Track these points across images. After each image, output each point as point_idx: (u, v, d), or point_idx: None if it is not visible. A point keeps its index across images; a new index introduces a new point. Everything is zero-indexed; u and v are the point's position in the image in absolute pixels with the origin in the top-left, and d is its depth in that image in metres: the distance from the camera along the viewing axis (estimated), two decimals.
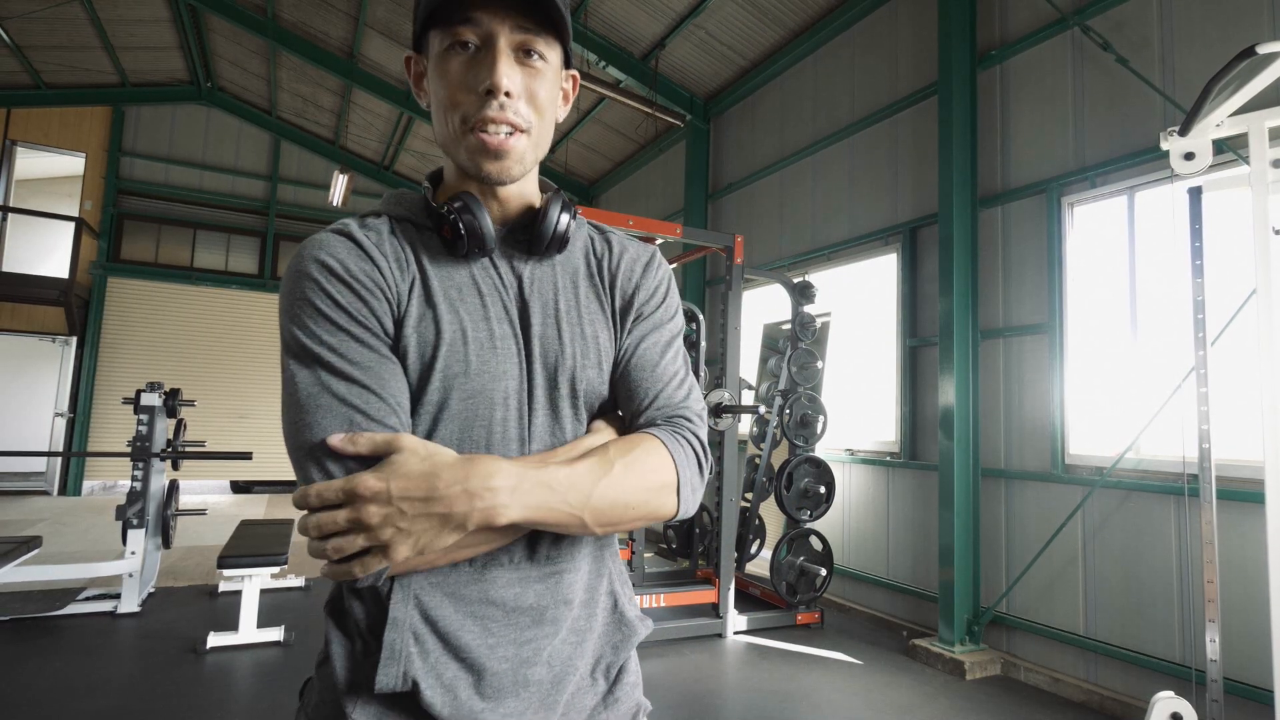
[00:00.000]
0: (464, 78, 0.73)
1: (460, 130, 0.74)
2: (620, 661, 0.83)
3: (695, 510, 0.91)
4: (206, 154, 10.48)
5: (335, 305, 0.70)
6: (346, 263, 0.71)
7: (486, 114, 0.72)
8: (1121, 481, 3.46)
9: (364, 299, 0.71)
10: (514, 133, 0.74)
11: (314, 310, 0.70)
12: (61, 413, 9.42)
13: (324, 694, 0.75)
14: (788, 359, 5.02)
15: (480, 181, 0.78)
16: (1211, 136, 2.57)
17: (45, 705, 2.96)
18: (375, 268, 0.73)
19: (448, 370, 0.72)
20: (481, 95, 0.72)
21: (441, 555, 0.68)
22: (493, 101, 0.72)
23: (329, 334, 0.69)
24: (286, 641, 3.83)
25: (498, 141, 0.73)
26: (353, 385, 0.68)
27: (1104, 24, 3.72)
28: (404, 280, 0.74)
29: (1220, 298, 3.15)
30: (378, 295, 0.72)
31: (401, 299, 0.73)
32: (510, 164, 0.76)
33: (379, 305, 0.72)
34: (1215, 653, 2.49)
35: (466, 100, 0.73)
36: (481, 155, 0.74)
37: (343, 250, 0.72)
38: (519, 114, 0.74)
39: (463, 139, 0.74)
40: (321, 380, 0.68)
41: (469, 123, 0.73)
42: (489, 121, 0.73)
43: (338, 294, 0.70)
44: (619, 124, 8.39)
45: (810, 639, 4.34)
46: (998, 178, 4.24)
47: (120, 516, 4.20)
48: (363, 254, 0.73)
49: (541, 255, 0.82)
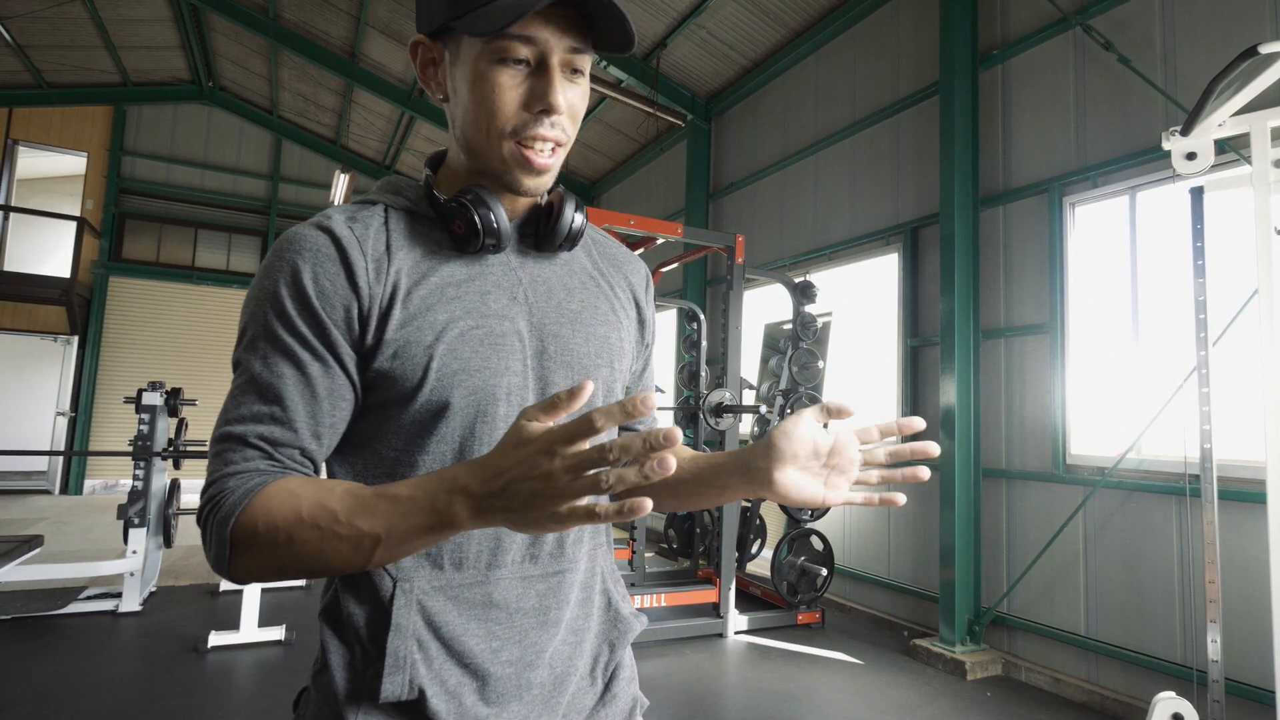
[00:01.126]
0: (517, 95, 0.71)
1: (504, 141, 0.72)
2: (617, 659, 0.83)
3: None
4: (208, 153, 10.49)
5: (289, 328, 0.68)
6: (317, 273, 0.68)
7: (538, 131, 0.72)
8: (1123, 482, 3.46)
9: (318, 319, 0.68)
10: (555, 149, 0.74)
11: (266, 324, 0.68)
12: (63, 412, 9.43)
13: (322, 705, 0.72)
14: (789, 359, 5.01)
15: (509, 190, 0.76)
16: (1213, 136, 2.57)
17: (47, 704, 2.96)
18: (348, 270, 0.69)
19: (444, 369, 0.70)
20: (535, 114, 0.71)
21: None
22: (545, 120, 0.71)
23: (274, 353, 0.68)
24: (287, 641, 3.83)
25: (543, 162, 0.73)
26: (273, 406, 0.67)
27: (1106, 23, 3.72)
28: (381, 281, 0.70)
29: (1222, 298, 3.14)
30: (337, 307, 0.68)
31: (376, 300, 0.70)
32: (547, 179, 0.76)
33: (336, 316, 0.68)
34: (1217, 653, 2.48)
35: (517, 116, 0.71)
36: (522, 169, 0.73)
37: (314, 256, 0.69)
38: (564, 131, 0.73)
39: (503, 148, 0.73)
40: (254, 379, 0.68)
41: (517, 135, 0.72)
42: (538, 139, 0.72)
43: (294, 314, 0.68)
44: (620, 123, 8.39)
45: (811, 639, 4.34)
46: (999, 177, 4.24)
47: (122, 515, 4.20)
48: (338, 256, 0.69)
49: (552, 253, 0.82)
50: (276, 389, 0.67)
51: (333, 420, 0.70)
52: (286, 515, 0.60)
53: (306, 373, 0.68)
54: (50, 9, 7.62)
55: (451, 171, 0.80)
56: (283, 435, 0.67)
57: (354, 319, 0.69)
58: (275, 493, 0.62)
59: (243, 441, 0.66)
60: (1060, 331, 3.81)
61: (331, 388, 0.69)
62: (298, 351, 0.68)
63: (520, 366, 0.75)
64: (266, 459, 0.67)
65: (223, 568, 0.64)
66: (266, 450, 0.67)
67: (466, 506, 0.55)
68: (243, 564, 0.63)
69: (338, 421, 0.71)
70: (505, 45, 0.68)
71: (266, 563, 0.62)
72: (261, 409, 0.67)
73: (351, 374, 0.70)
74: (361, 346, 0.70)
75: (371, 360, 0.70)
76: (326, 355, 0.69)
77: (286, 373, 0.67)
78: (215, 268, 10.40)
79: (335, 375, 0.69)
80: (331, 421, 0.70)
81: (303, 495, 0.61)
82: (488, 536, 0.73)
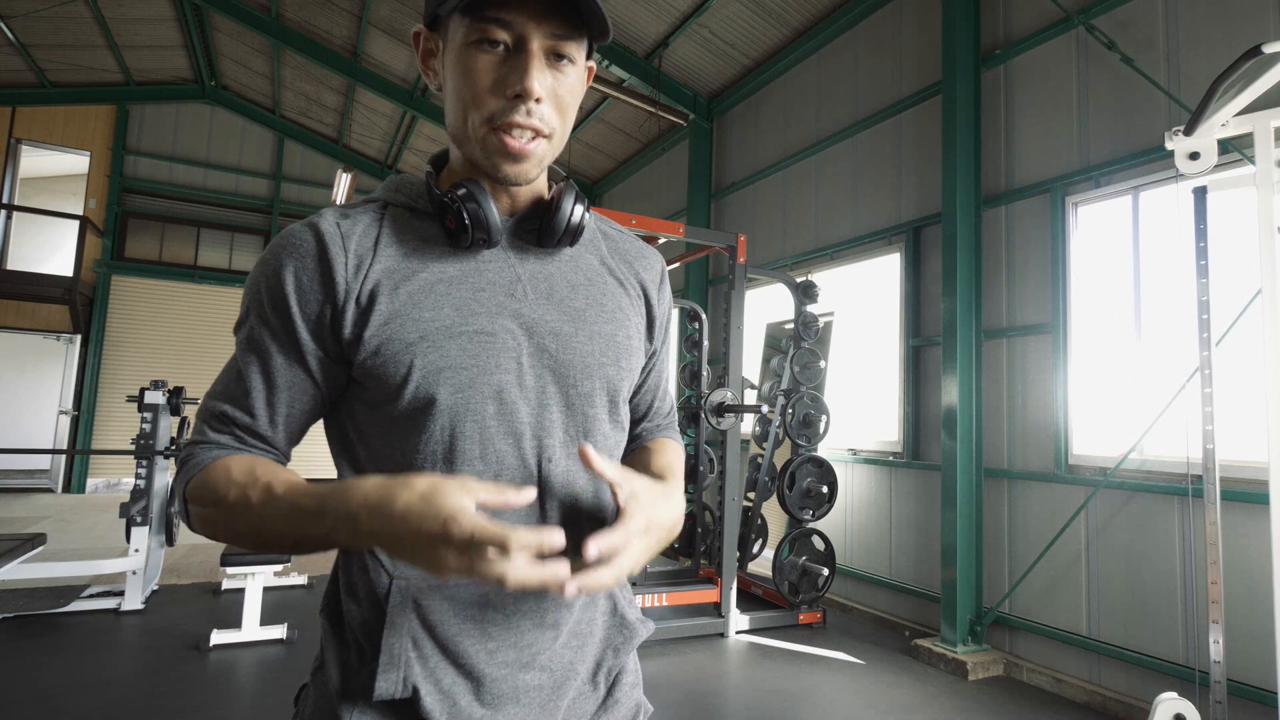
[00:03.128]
0: (491, 78, 0.70)
1: (481, 127, 0.72)
2: (620, 664, 0.82)
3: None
4: (210, 152, 10.50)
5: (262, 320, 0.73)
6: (297, 269, 0.72)
7: (514, 119, 0.70)
8: (1125, 482, 3.45)
9: (288, 315, 0.72)
10: (536, 137, 0.72)
11: (247, 313, 0.75)
12: (66, 410, 9.45)
13: (320, 702, 0.73)
14: (790, 358, 5.01)
15: (493, 179, 0.76)
16: (1217, 136, 2.56)
17: (49, 701, 2.97)
18: (326, 267, 0.71)
19: (428, 366, 0.70)
20: (510, 99, 0.70)
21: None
22: (521, 106, 0.70)
23: (247, 342, 0.74)
24: (289, 639, 3.84)
25: (520, 146, 0.72)
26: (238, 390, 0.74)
27: (1109, 23, 3.71)
28: (360, 276, 0.72)
29: (1225, 298, 3.14)
30: (311, 303, 0.71)
31: (353, 295, 0.71)
32: (529, 167, 0.74)
33: (310, 311, 0.71)
34: (1219, 654, 2.48)
35: (492, 101, 0.70)
36: (501, 156, 0.72)
37: (296, 253, 0.72)
38: (544, 119, 0.72)
39: (482, 136, 0.72)
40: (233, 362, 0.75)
41: (494, 123, 0.71)
42: (514, 126, 0.71)
43: (269, 308, 0.73)
44: (622, 123, 8.39)
45: (812, 639, 4.34)
46: (1002, 177, 4.23)
47: (124, 514, 4.21)
48: (317, 252, 0.72)
49: (553, 248, 0.80)
50: (245, 375, 0.73)
51: (290, 411, 0.74)
52: (220, 492, 0.68)
53: (270, 364, 0.73)
54: (53, 8, 7.63)
55: (451, 169, 0.80)
56: (242, 418, 0.73)
57: (327, 315, 0.72)
58: (217, 471, 0.70)
59: (212, 414, 0.74)
60: (1063, 331, 3.81)
61: (292, 380, 0.73)
62: (266, 342, 0.73)
63: (513, 364, 0.73)
64: (231, 436, 0.73)
65: (186, 520, 0.73)
66: (229, 429, 0.73)
67: (348, 536, 0.62)
68: (196, 520, 0.72)
69: (296, 412, 0.75)
70: (483, 28, 0.69)
71: (212, 521, 0.70)
72: (232, 389, 0.74)
73: (313, 369, 0.74)
74: (338, 342, 0.72)
75: (354, 356, 0.72)
76: (290, 349, 0.72)
77: (252, 361, 0.73)
78: (218, 267, 10.42)
79: (295, 370, 0.73)
80: (289, 412, 0.74)
81: (235, 480, 0.68)
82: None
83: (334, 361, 0.73)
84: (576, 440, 0.76)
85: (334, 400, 0.77)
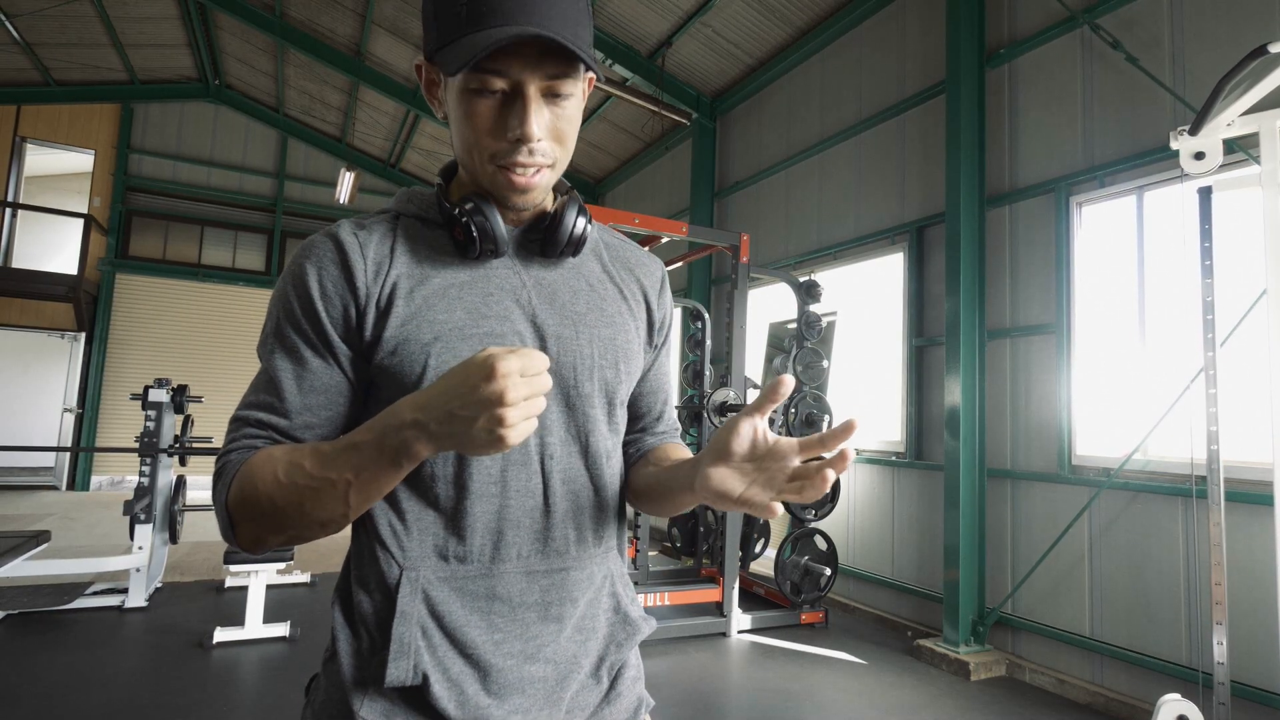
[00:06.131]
0: (492, 123, 0.73)
1: (487, 165, 0.75)
2: (623, 659, 0.85)
3: None
4: (214, 151, 10.52)
5: (294, 326, 0.74)
6: (321, 275, 0.74)
7: (516, 159, 0.73)
8: (1129, 483, 3.45)
9: (318, 318, 0.74)
10: (539, 170, 0.75)
11: (277, 322, 0.76)
12: (70, 408, 9.48)
13: (331, 691, 0.75)
14: (793, 358, 5.01)
15: (502, 206, 0.79)
16: (1222, 136, 2.56)
17: (53, 698, 2.98)
18: (348, 272, 0.74)
19: (441, 365, 0.73)
20: (511, 142, 0.73)
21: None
22: (523, 148, 0.73)
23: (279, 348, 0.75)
24: (292, 637, 3.84)
25: (524, 180, 0.75)
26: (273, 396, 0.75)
27: (1114, 22, 3.70)
28: (380, 280, 0.75)
29: (1230, 298, 3.12)
30: (336, 306, 0.74)
31: (374, 298, 0.74)
32: (535, 196, 0.77)
33: (335, 314, 0.74)
34: (1223, 655, 2.48)
35: (493, 143, 0.73)
36: (507, 190, 0.76)
37: (319, 261, 0.75)
38: (546, 154, 0.74)
39: (490, 173, 0.75)
40: (263, 371, 0.76)
41: (497, 161, 0.74)
42: (518, 165, 0.74)
43: (299, 314, 0.74)
44: (625, 122, 8.39)
45: (814, 638, 4.33)
46: (1005, 177, 4.22)
47: (128, 512, 4.22)
48: (339, 259, 0.75)
49: (556, 258, 0.84)
50: (277, 380, 0.74)
51: (329, 413, 0.76)
52: (266, 479, 0.67)
53: (305, 367, 0.74)
54: (58, 7, 7.65)
55: (460, 181, 0.84)
56: (278, 422, 0.74)
57: (352, 316, 0.75)
58: (256, 461, 0.69)
59: (245, 423, 0.74)
60: (1066, 332, 3.80)
61: (328, 381, 0.75)
62: (299, 347, 0.74)
63: None
64: (266, 440, 0.73)
65: (230, 537, 0.71)
66: (265, 434, 0.73)
67: (411, 437, 0.62)
68: (244, 531, 0.70)
69: (334, 414, 0.76)
70: (480, 77, 0.71)
71: (263, 525, 0.69)
72: (265, 397, 0.74)
73: (346, 368, 0.76)
74: (361, 341, 0.75)
75: (373, 356, 0.75)
76: (324, 351, 0.74)
77: (286, 366, 0.74)
78: (221, 265, 10.44)
79: (332, 369, 0.75)
80: (328, 414, 0.76)
81: (278, 459, 0.68)
82: (491, 531, 0.75)
83: (364, 361, 0.76)
84: (575, 440, 0.81)
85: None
